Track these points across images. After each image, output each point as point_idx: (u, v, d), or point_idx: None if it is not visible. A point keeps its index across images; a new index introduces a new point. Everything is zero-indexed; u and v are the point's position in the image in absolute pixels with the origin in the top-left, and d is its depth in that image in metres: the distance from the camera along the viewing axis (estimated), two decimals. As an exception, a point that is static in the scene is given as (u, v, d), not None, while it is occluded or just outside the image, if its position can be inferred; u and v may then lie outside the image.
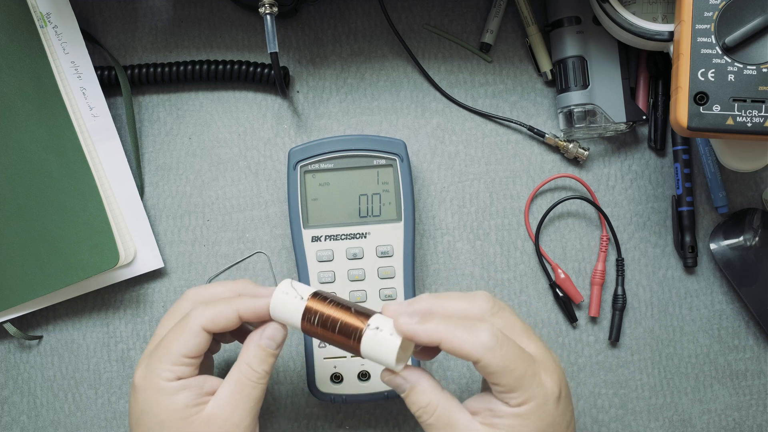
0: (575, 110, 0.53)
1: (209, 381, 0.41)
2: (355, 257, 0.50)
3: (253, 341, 0.41)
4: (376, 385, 0.50)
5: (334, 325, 0.39)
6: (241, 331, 0.46)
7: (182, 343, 0.40)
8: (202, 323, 0.40)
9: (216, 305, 0.41)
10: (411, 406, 0.39)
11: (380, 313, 0.40)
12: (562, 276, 0.54)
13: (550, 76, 0.55)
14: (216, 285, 0.44)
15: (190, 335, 0.40)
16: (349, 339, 0.39)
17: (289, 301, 0.41)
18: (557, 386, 0.39)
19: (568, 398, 0.40)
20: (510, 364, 0.37)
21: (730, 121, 0.43)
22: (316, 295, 0.41)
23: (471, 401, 0.40)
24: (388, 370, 0.40)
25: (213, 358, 0.48)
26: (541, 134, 0.54)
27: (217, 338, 0.46)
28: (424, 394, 0.39)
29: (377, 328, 0.39)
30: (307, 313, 0.40)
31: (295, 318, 0.40)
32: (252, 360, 0.41)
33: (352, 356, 0.49)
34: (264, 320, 0.42)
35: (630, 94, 0.53)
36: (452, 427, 0.38)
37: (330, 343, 0.40)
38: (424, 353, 0.42)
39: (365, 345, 0.39)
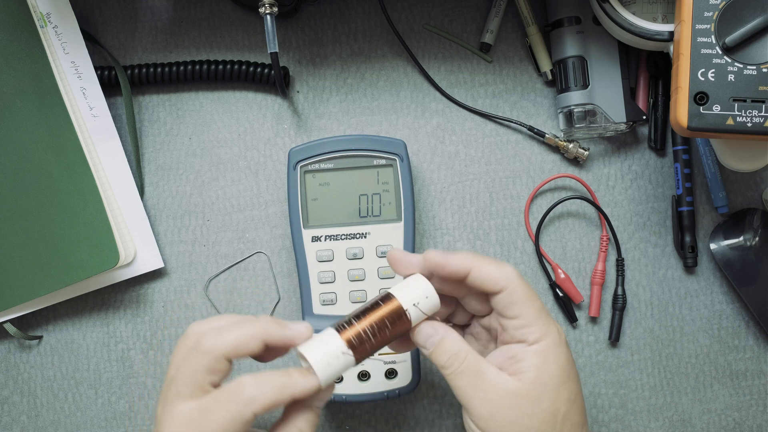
0: (575, 110, 0.53)
1: None
2: (355, 257, 0.50)
3: (306, 405, 0.39)
4: (376, 385, 0.50)
5: (381, 324, 0.39)
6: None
7: (200, 371, 0.37)
8: (256, 411, 0.36)
9: (269, 386, 0.37)
10: (441, 355, 0.40)
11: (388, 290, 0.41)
12: (562, 276, 0.54)
13: (550, 76, 0.55)
14: (234, 330, 0.39)
15: (243, 424, 0.36)
16: (401, 320, 0.40)
17: (328, 347, 0.38)
18: (561, 330, 0.41)
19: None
20: (531, 294, 0.39)
21: (730, 121, 0.43)
22: (338, 328, 0.39)
23: (490, 357, 0.40)
24: (415, 329, 0.40)
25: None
26: (541, 134, 0.54)
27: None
28: (454, 342, 0.40)
29: (414, 305, 0.40)
30: (352, 342, 0.38)
31: (346, 358, 0.38)
32: (304, 425, 0.38)
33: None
34: (287, 346, 0.39)
35: (630, 94, 0.53)
36: (482, 375, 0.39)
37: (386, 343, 0.40)
38: (461, 313, 0.43)
39: (412, 312, 0.40)
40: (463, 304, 0.43)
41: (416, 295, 0.40)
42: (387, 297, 0.40)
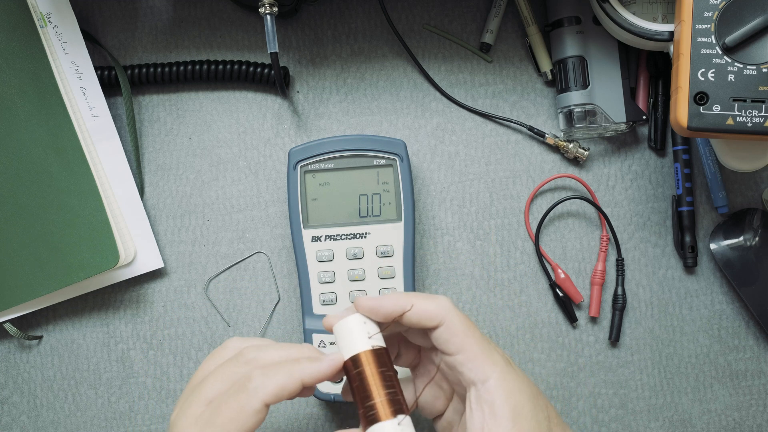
0: (575, 110, 0.53)
1: None
2: (355, 257, 0.50)
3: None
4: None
5: (387, 376, 0.38)
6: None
7: (243, 423, 0.36)
8: (265, 399, 0.36)
9: (278, 375, 0.37)
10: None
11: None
12: (562, 276, 0.54)
13: (550, 76, 0.55)
14: (275, 349, 0.39)
15: (253, 413, 0.36)
16: (388, 361, 0.38)
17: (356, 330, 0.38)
18: (504, 352, 0.39)
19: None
20: (470, 326, 0.38)
21: (730, 121, 0.43)
22: (372, 417, 0.37)
23: (470, 423, 0.38)
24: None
25: None
26: (541, 134, 0.54)
27: None
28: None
29: (369, 338, 0.38)
30: (399, 408, 0.37)
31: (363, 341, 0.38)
32: None
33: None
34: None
35: (630, 94, 0.53)
36: None
37: (397, 376, 0.39)
38: (406, 352, 0.42)
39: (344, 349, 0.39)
40: (408, 338, 0.42)
41: (360, 333, 0.38)
42: (355, 361, 0.38)
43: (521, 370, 0.39)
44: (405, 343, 0.42)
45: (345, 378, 0.40)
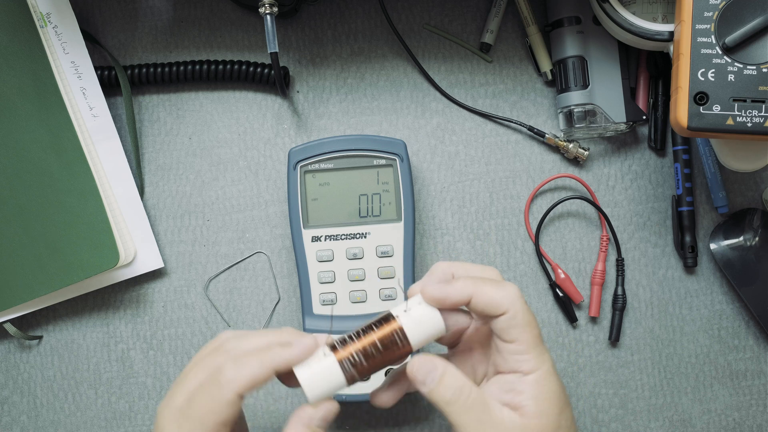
0: (575, 110, 0.53)
1: None
2: (355, 257, 0.50)
3: (303, 421, 0.37)
4: (376, 385, 0.50)
5: (376, 348, 0.38)
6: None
7: (218, 415, 0.36)
8: (237, 390, 0.36)
9: (249, 365, 0.37)
10: (446, 391, 0.38)
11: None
12: (562, 276, 0.54)
13: (550, 76, 0.55)
14: (254, 336, 0.39)
15: (226, 405, 0.36)
16: (395, 345, 0.38)
17: (318, 368, 0.37)
18: (551, 357, 0.40)
19: None
20: (532, 320, 0.38)
21: (730, 121, 0.43)
22: (334, 346, 0.38)
23: (486, 390, 0.39)
24: (412, 364, 0.38)
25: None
26: (541, 134, 0.54)
27: None
28: (457, 377, 0.38)
29: (405, 311, 0.38)
30: (344, 364, 0.37)
31: (337, 378, 0.37)
32: None
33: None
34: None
35: (630, 94, 0.53)
36: (488, 408, 0.37)
37: (379, 367, 0.38)
38: (451, 334, 0.41)
39: (411, 334, 0.38)
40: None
41: (419, 316, 0.38)
42: (388, 318, 0.38)
43: (559, 378, 0.39)
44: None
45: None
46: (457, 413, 0.37)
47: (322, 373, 0.37)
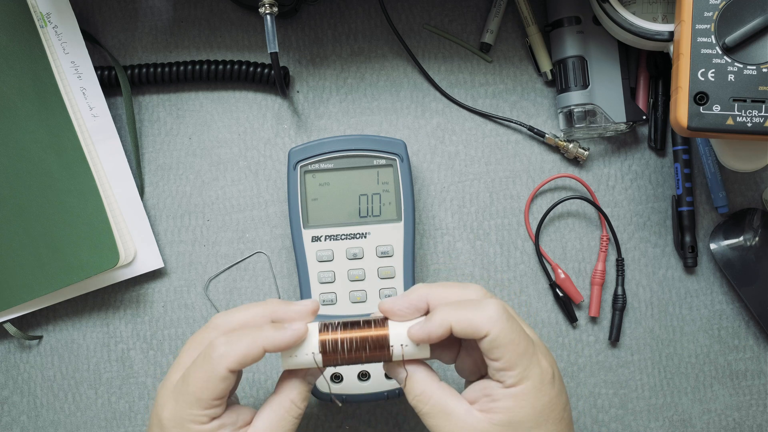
0: (575, 110, 0.53)
1: (242, 414, 0.40)
2: (355, 257, 0.50)
3: (299, 376, 0.40)
4: (376, 385, 0.50)
5: (360, 348, 0.39)
6: None
7: (212, 390, 0.38)
8: (229, 366, 0.38)
9: (240, 342, 0.38)
10: (407, 395, 0.40)
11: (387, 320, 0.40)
12: (562, 276, 0.54)
13: (550, 76, 0.55)
14: (244, 311, 0.41)
15: (219, 380, 0.38)
16: (376, 354, 0.39)
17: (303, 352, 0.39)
18: (551, 367, 0.39)
19: (562, 381, 0.40)
20: (515, 337, 0.38)
21: (730, 121, 0.43)
22: (324, 328, 0.40)
23: (468, 391, 0.40)
24: (386, 366, 0.40)
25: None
26: (541, 134, 0.54)
27: None
28: (418, 383, 0.39)
29: (402, 345, 0.39)
30: (324, 348, 0.39)
31: (310, 361, 0.39)
32: (296, 397, 0.40)
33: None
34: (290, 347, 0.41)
35: (630, 94, 0.53)
36: (448, 415, 0.38)
37: (357, 362, 0.40)
38: (444, 352, 0.42)
39: (397, 356, 0.39)
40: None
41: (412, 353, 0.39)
42: (382, 322, 0.40)
43: (555, 390, 0.39)
44: (445, 343, 0.43)
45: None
46: (422, 416, 0.39)
47: (301, 349, 0.39)
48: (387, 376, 0.50)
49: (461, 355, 0.42)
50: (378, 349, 0.39)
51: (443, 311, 0.39)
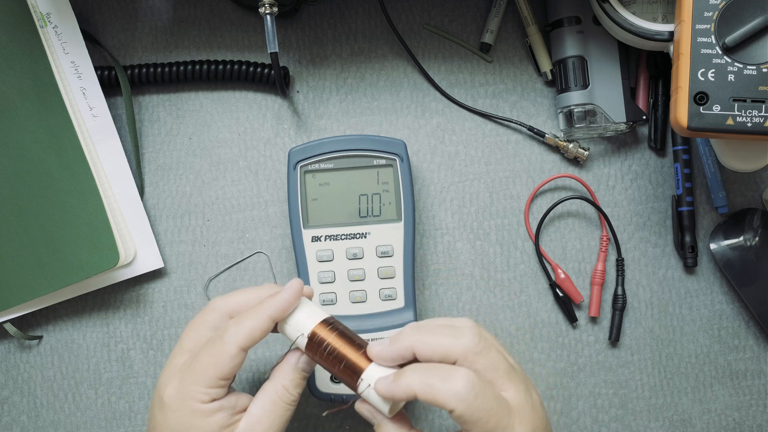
0: (575, 110, 0.53)
1: (240, 399, 0.41)
2: (355, 257, 0.50)
3: (291, 364, 0.42)
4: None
5: (336, 361, 0.40)
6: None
7: (220, 367, 0.39)
8: (240, 344, 0.40)
9: (247, 320, 0.40)
10: None
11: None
12: (562, 276, 0.54)
13: (550, 76, 0.55)
14: (241, 294, 0.43)
15: (229, 358, 0.39)
16: (349, 377, 0.40)
17: (297, 320, 0.41)
18: (530, 422, 0.38)
19: (543, 409, 0.40)
20: (483, 415, 0.37)
21: (730, 121, 0.43)
22: (326, 322, 0.41)
23: None
24: (362, 401, 0.41)
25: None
26: (541, 134, 0.54)
27: None
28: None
29: (369, 385, 0.40)
30: (311, 339, 0.41)
31: (298, 342, 0.41)
32: (289, 384, 0.41)
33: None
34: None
35: (630, 94, 0.53)
36: None
37: (330, 372, 0.42)
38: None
39: (363, 394, 0.40)
40: None
41: (373, 397, 0.40)
42: (366, 352, 0.41)
43: (540, 413, 0.39)
44: None
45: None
46: None
47: (296, 325, 0.41)
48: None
49: None
50: (349, 374, 0.40)
51: (411, 376, 0.38)
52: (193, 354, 0.41)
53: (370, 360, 0.40)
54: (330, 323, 0.41)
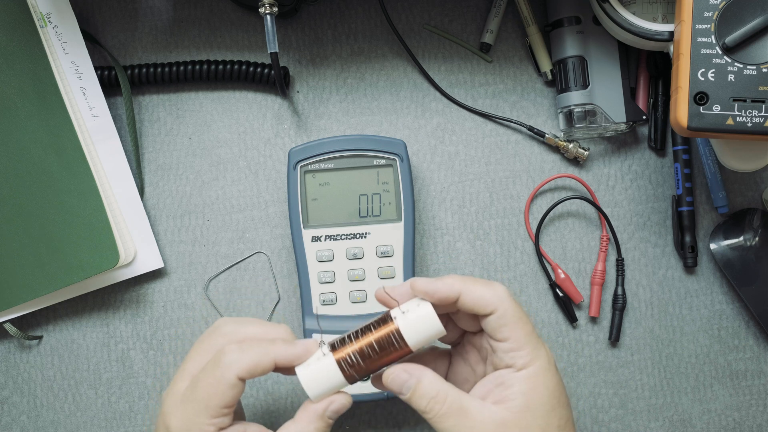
0: (575, 110, 0.53)
1: (249, 429, 0.39)
2: (355, 257, 0.50)
3: (317, 413, 0.38)
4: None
5: (373, 350, 0.38)
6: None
7: (221, 396, 0.38)
8: (239, 373, 0.38)
9: (251, 351, 0.38)
10: (420, 400, 0.38)
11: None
12: (562, 276, 0.54)
13: (550, 76, 0.55)
14: (254, 325, 0.41)
15: (228, 387, 0.38)
16: (392, 346, 0.38)
17: (317, 367, 0.38)
18: (550, 353, 0.40)
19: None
20: (523, 316, 0.38)
21: (730, 121, 0.43)
22: (334, 345, 0.39)
23: (476, 388, 0.39)
24: (386, 374, 0.39)
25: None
26: (541, 134, 0.54)
27: None
28: (432, 384, 0.38)
29: (403, 312, 0.38)
30: (342, 364, 0.38)
31: (336, 378, 0.38)
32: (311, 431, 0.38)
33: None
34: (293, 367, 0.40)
35: (630, 94, 0.53)
36: (465, 411, 0.37)
37: (380, 367, 0.39)
38: (450, 331, 0.42)
39: (408, 336, 0.38)
40: (455, 321, 0.42)
41: (416, 318, 0.38)
42: (386, 319, 0.39)
43: (559, 375, 0.39)
44: (450, 323, 0.42)
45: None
46: (434, 421, 0.38)
47: (321, 372, 0.38)
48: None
49: (455, 359, 0.42)
50: (393, 347, 0.38)
51: (454, 278, 0.39)
52: (194, 379, 0.39)
53: (388, 316, 0.39)
54: (338, 342, 0.39)
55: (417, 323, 0.38)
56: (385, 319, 0.39)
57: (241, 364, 0.38)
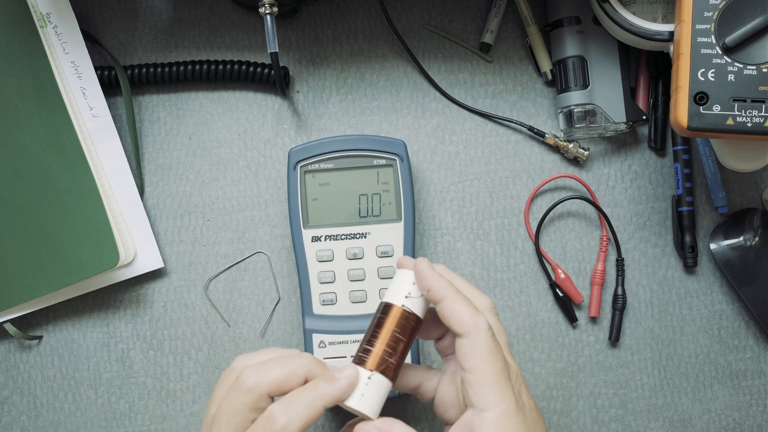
0: (575, 110, 0.53)
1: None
2: (355, 257, 0.50)
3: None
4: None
5: (396, 339, 0.38)
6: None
7: None
8: (269, 389, 0.36)
9: (299, 409, 0.35)
10: None
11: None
12: (562, 276, 0.54)
13: (550, 76, 0.55)
14: (274, 368, 0.37)
15: (257, 399, 0.35)
16: (410, 323, 0.39)
17: (370, 390, 0.38)
18: (528, 398, 0.38)
19: (538, 412, 0.39)
20: (496, 353, 0.36)
21: (730, 121, 0.43)
22: (361, 358, 0.38)
23: (451, 430, 0.38)
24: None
25: None
26: (541, 134, 0.54)
27: None
28: None
29: (406, 297, 0.39)
30: (386, 372, 0.38)
31: (386, 387, 0.38)
32: None
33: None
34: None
35: (630, 94, 0.53)
36: None
37: (405, 353, 0.39)
38: (426, 329, 0.41)
39: (414, 308, 0.39)
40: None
41: (406, 288, 0.39)
42: (386, 307, 0.39)
43: (534, 415, 0.37)
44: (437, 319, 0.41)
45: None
46: None
47: (376, 395, 0.38)
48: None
49: (442, 383, 0.41)
50: (406, 324, 0.38)
51: (449, 285, 0.38)
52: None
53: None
54: (362, 354, 0.39)
55: (414, 296, 0.39)
56: (386, 308, 0.39)
57: (293, 426, 0.35)
